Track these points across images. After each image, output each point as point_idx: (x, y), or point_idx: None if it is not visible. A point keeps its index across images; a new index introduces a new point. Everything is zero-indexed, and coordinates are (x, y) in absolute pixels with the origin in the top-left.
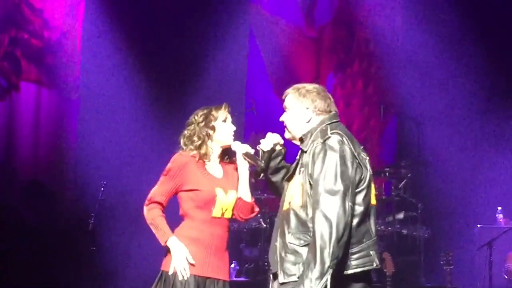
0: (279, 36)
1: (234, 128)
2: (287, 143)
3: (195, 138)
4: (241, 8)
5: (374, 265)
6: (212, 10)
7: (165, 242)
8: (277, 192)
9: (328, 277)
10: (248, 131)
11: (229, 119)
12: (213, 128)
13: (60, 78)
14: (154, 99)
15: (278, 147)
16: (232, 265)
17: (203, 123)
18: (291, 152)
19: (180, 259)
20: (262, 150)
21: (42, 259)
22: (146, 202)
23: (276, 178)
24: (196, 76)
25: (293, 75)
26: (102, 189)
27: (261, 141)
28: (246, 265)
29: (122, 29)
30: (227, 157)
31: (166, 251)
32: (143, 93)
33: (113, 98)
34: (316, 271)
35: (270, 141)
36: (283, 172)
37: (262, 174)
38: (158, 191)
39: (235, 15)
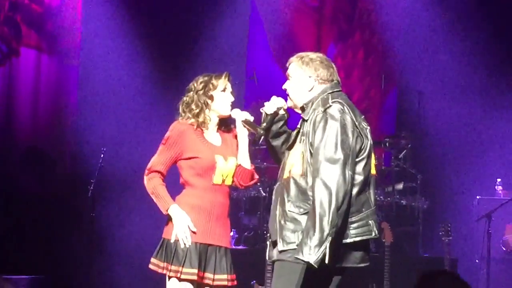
0: (280, 5)
1: (232, 98)
2: (290, 111)
3: (193, 106)
4: None
5: (373, 234)
6: None
7: (167, 211)
8: (276, 157)
9: (327, 244)
10: (249, 100)
11: (229, 88)
12: (211, 98)
13: (60, 44)
14: (155, 66)
15: (281, 112)
16: (231, 234)
17: (201, 91)
18: (292, 120)
19: (182, 227)
20: (265, 112)
21: (41, 226)
22: (146, 172)
23: (276, 142)
24: (197, 44)
25: (294, 44)
26: (102, 155)
27: (265, 103)
28: (245, 234)
29: None
30: (224, 126)
31: (168, 219)
32: (143, 59)
33: (113, 65)
34: (315, 239)
35: (274, 104)
36: (283, 137)
37: (262, 138)
38: (158, 160)
39: None
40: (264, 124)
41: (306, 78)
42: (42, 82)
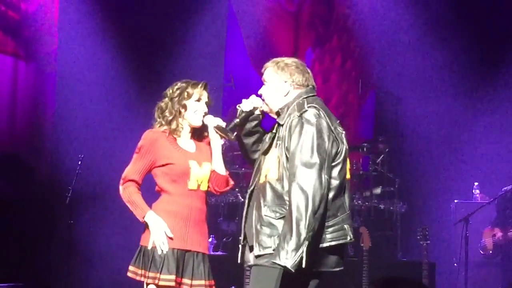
0: (258, 10)
1: (206, 109)
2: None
3: (167, 113)
4: None
5: (348, 238)
6: None
7: (143, 218)
8: (246, 154)
9: (304, 249)
10: (226, 106)
11: (204, 98)
12: (184, 107)
13: (37, 51)
14: (132, 73)
15: (257, 112)
16: (210, 239)
17: (176, 99)
18: (267, 122)
19: (159, 233)
20: (241, 109)
21: (19, 233)
22: (121, 181)
23: (248, 140)
24: (174, 50)
25: (271, 50)
26: (79, 162)
27: (243, 100)
28: (224, 239)
29: (99, 3)
30: (198, 133)
31: (145, 226)
32: (120, 66)
33: (90, 71)
34: (292, 243)
35: (251, 103)
36: (255, 136)
37: (234, 134)
38: (132, 169)
39: None
40: (237, 120)
41: (282, 83)
42: (20, 88)
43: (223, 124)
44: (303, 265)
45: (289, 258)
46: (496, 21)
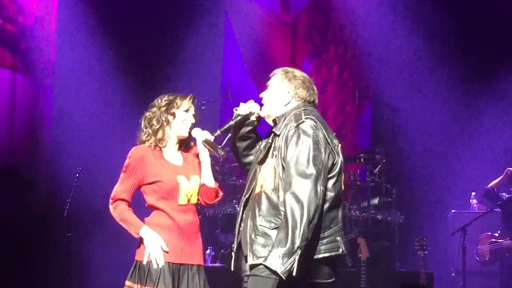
0: (254, 22)
1: (193, 120)
2: (261, 121)
3: (154, 122)
4: None
5: (340, 251)
6: None
7: (138, 234)
8: (237, 157)
9: (296, 257)
10: (224, 118)
11: (192, 111)
12: (173, 115)
13: (35, 64)
14: (129, 85)
15: (253, 118)
16: (208, 251)
17: (164, 108)
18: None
19: (154, 247)
20: (238, 113)
21: (16, 246)
22: (110, 201)
23: (241, 144)
24: (172, 62)
25: (268, 61)
26: (77, 175)
27: (241, 104)
28: (222, 251)
29: (96, 15)
30: (185, 145)
31: (139, 241)
32: (118, 78)
33: (88, 83)
34: (285, 250)
35: (248, 107)
36: (248, 141)
37: (226, 140)
38: (120, 189)
39: (210, 1)
40: (232, 122)
41: (285, 92)
42: (18, 101)
43: (211, 138)
44: (294, 273)
45: (279, 263)
46: (493, 35)
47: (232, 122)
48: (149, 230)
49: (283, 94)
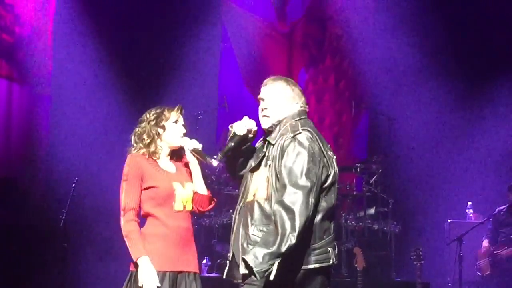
0: (251, 32)
1: (184, 130)
2: (258, 132)
3: (145, 136)
4: (214, 4)
5: (331, 262)
6: (185, 6)
7: (137, 259)
8: (231, 171)
9: (276, 262)
10: (221, 128)
11: (181, 121)
12: (163, 128)
13: (31, 74)
14: (126, 95)
15: (250, 136)
16: (204, 261)
17: (154, 122)
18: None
19: (149, 283)
20: (234, 132)
21: (13, 256)
22: (122, 212)
23: (236, 159)
24: (169, 72)
25: (265, 71)
26: (74, 185)
27: (236, 123)
28: (218, 261)
29: (93, 24)
30: (176, 155)
31: None
32: (115, 88)
33: (84, 93)
34: (268, 251)
35: (245, 126)
36: (244, 156)
37: (222, 155)
38: (128, 198)
39: (207, 11)
40: (232, 144)
41: (290, 98)
42: (14, 111)
43: (200, 147)
44: (271, 278)
45: (258, 262)
46: (489, 43)
47: (231, 144)
48: (148, 263)
49: (288, 102)
